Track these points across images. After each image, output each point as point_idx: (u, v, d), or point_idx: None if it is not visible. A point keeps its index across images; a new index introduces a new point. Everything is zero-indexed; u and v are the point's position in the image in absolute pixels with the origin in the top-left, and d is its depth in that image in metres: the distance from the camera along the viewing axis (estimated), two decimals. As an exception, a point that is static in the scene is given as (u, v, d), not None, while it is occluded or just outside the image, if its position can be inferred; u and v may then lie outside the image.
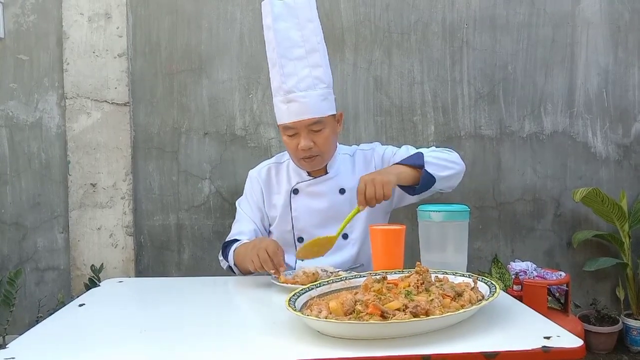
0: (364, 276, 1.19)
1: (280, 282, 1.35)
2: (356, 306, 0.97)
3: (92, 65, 2.58)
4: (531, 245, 2.73)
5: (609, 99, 2.71)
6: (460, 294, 1.03)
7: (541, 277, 2.27)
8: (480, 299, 1.03)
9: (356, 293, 1.04)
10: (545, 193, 2.72)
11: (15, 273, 2.26)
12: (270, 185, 1.72)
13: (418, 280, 1.07)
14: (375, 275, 1.17)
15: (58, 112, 2.61)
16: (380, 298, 0.98)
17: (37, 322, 1.24)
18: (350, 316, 0.96)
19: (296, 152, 1.58)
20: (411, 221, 1.47)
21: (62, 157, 2.61)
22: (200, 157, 2.66)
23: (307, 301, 1.08)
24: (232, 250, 1.58)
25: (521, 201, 2.72)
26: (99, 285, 1.55)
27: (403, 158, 1.56)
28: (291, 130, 1.56)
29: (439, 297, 0.99)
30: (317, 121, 1.54)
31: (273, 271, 1.38)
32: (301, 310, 1.02)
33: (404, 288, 1.04)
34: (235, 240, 1.63)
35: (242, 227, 1.68)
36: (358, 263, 1.63)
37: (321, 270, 1.39)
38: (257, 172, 1.74)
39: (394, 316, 0.93)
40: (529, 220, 2.73)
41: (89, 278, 2.37)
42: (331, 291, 1.15)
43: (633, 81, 2.71)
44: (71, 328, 1.11)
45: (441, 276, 1.16)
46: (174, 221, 2.66)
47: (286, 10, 1.53)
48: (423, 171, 1.48)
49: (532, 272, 2.32)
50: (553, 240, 2.74)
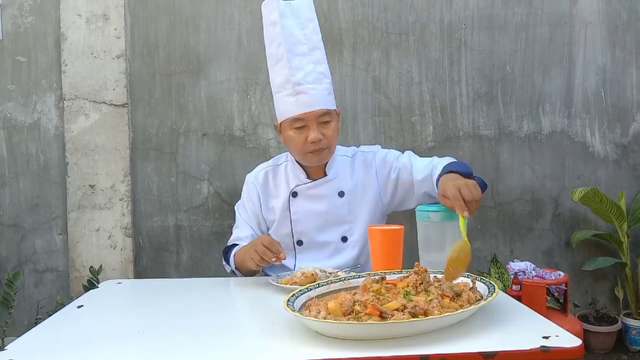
0: (363, 276, 1.19)
1: (278, 283, 1.35)
2: (355, 306, 0.97)
3: (90, 66, 2.57)
4: (530, 245, 2.73)
5: (607, 99, 2.71)
6: (459, 294, 1.03)
7: (540, 277, 2.28)
8: (479, 299, 1.03)
9: (355, 293, 1.04)
10: (543, 193, 2.72)
11: (13, 275, 2.26)
12: (267, 189, 1.70)
13: (417, 280, 1.07)
14: (373, 275, 1.17)
15: (56, 114, 2.61)
16: (379, 298, 0.98)
17: (36, 324, 1.23)
18: (349, 316, 0.96)
19: (304, 146, 1.56)
20: (410, 221, 1.47)
21: (61, 159, 2.61)
22: (198, 158, 2.65)
23: (306, 302, 1.08)
24: (232, 255, 1.61)
25: (520, 201, 2.72)
26: (98, 286, 1.55)
27: (428, 167, 1.59)
28: (300, 122, 1.54)
29: (438, 297, 0.99)
30: (326, 112, 1.55)
31: (274, 259, 1.39)
32: (300, 310, 1.02)
33: (403, 288, 1.04)
34: (235, 245, 1.65)
35: (240, 233, 1.69)
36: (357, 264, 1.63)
37: (320, 270, 1.39)
38: (254, 177, 1.73)
39: (393, 316, 0.93)
40: (528, 220, 2.73)
41: (88, 279, 2.37)
42: (330, 292, 1.14)
43: (631, 81, 2.71)
44: (70, 330, 1.11)
45: (440, 276, 1.16)
46: (173, 222, 2.66)
47: (289, 9, 1.55)
48: (476, 179, 1.42)
49: (531, 272, 2.32)
50: (552, 240, 2.74)
